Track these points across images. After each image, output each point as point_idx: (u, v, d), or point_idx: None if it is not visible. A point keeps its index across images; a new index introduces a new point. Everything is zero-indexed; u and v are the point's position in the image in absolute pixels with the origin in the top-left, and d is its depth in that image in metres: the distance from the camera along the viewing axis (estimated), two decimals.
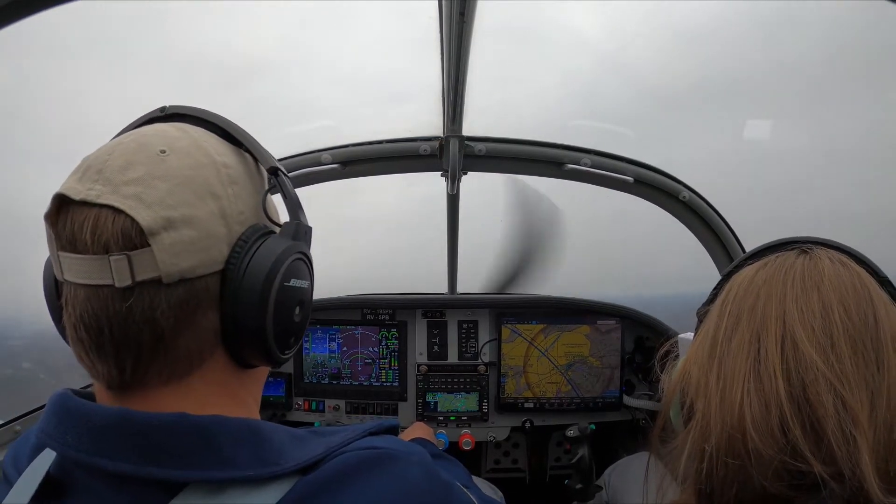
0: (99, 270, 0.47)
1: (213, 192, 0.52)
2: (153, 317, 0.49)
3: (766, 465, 0.57)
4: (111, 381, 0.51)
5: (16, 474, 0.52)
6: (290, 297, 0.57)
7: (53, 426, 0.50)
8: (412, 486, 0.54)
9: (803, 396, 0.57)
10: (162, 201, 0.49)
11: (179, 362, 0.52)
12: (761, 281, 0.66)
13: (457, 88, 1.36)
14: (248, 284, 0.53)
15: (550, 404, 2.15)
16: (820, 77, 1.93)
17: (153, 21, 1.57)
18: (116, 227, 0.47)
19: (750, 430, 0.58)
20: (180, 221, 0.49)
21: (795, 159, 2.25)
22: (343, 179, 1.82)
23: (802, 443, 0.55)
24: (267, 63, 1.88)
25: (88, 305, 0.48)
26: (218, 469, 0.48)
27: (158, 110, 0.60)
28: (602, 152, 1.78)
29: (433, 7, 1.17)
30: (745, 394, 0.59)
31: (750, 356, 0.61)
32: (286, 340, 0.58)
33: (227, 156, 0.56)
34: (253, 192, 0.58)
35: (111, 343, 0.49)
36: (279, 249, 0.55)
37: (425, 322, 2.20)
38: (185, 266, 0.49)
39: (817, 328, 0.59)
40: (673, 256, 2.61)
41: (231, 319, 0.53)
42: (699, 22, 1.77)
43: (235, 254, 0.53)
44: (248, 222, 0.56)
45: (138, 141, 0.52)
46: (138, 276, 0.47)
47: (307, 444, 0.54)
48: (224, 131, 0.59)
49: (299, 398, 2.20)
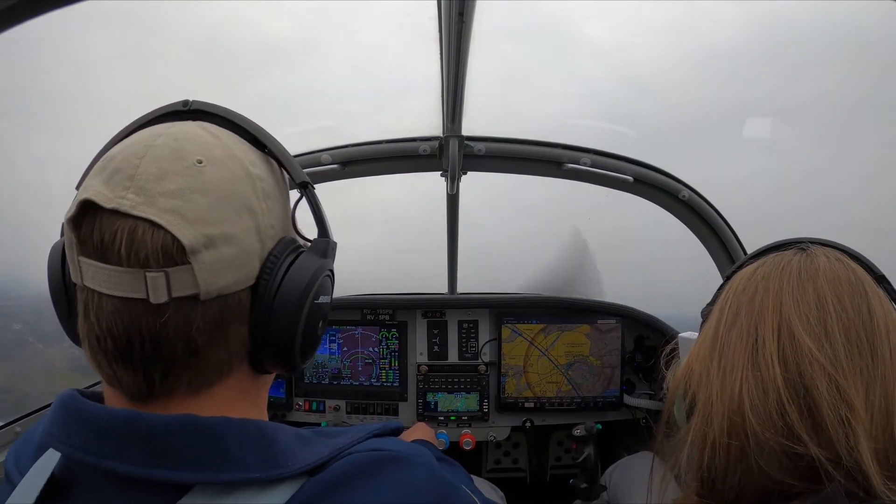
0: (132, 284, 0.46)
1: (250, 207, 0.52)
2: (188, 332, 0.48)
3: (765, 447, 0.59)
4: (137, 392, 0.50)
5: (18, 475, 0.52)
6: (318, 314, 0.58)
7: (59, 427, 0.50)
8: (418, 487, 0.54)
9: (800, 382, 0.59)
10: (203, 218, 0.47)
11: (209, 374, 0.52)
12: (760, 276, 0.68)
13: (456, 88, 1.36)
14: (281, 301, 0.53)
15: (551, 404, 2.15)
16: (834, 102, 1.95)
17: (152, 21, 1.57)
18: (156, 242, 0.46)
19: (749, 414, 0.60)
20: (220, 239, 0.48)
21: (796, 161, 2.26)
22: (343, 180, 1.82)
23: (799, 425, 0.58)
24: (266, 63, 1.88)
25: (117, 318, 0.47)
26: (225, 470, 0.48)
27: (180, 104, 0.58)
28: (601, 151, 1.78)
29: (432, 7, 1.17)
30: (745, 380, 0.62)
31: (748, 345, 0.64)
32: (309, 352, 0.60)
33: (260, 167, 0.56)
34: (283, 204, 0.58)
35: (140, 356, 0.48)
36: (312, 269, 0.56)
37: (425, 322, 2.20)
38: (223, 283, 0.49)
39: (812, 318, 0.62)
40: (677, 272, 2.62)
41: (261, 333, 0.54)
42: (698, 21, 1.77)
43: (267, 269, 0.53)
44: (277, 236, 0.56)
45: (171, 146, 0.50)
46: (175, 292, 0.47)
47: (313, 445, 0.54)
48: (253, 137, 0.58)
49: (300, 399, 2.20)
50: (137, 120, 0.58)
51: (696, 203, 1.87)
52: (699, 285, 2.14)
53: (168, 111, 0.57)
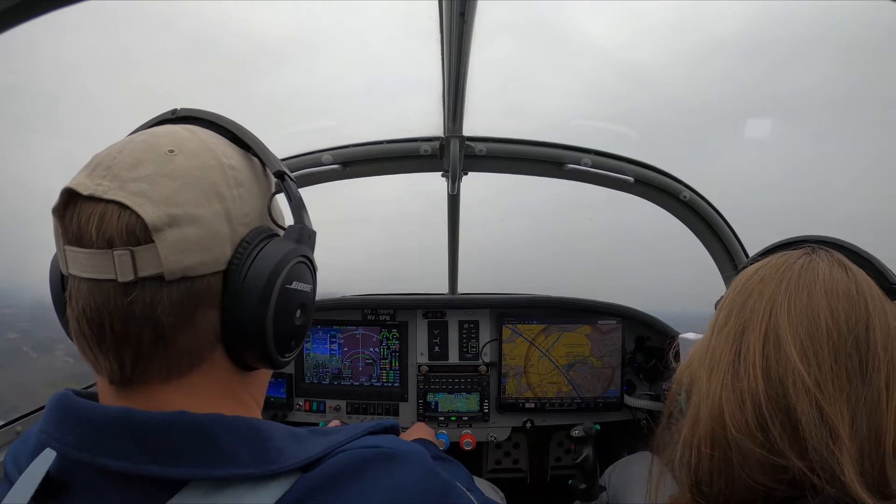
0: (102, 265, 0.48)
1: (219, 192, 0.53)
2: (154, 313, 0.49)
3: (748, 457, 0.57)
4: (112, 375, 0.51)
5: (17, 474, 0.52)
6: (292, 300, 0.57)
7: (54, 426, 0.50)
8: (411, 485, 0.54)
9: (783, 399, 0.56)
10: (168, 199, 0.49)
11: (179, 359, 0.52)
12: (758, 279, 0.66)
13: (457, 88, 1.36)
14: (249, 285, 0.53)
15: (551, 404, 2.15)
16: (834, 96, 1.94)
17: (150, 22, 1.57)
18: (122, 222, 0.48)
19: (729, 423, 0.58)
20: (185, 219, 0.49)
21: (798, 159, 2.26)
22: (344, 180, 1.82)
23: (781, 442, 0.55)
24: (266, 64, 1.88)
25: (91, 300, 0.49)
26: (218, 467, 0.48)
27: (169, 112, 0.61)
28: (602, 152, 1.78)
29: (433, 7, 1.17)
30: (724, 387, 0.60)
31: (732, 350, 0.62)
32: (286, 343, 0.58)
33: (235, 158, 0.57)
34: (259, 195, 0.59)
35: (112, 338, 0.49)
36: (282, 252, 0.55)
37: (426, 322, 2.20)
38: (188, 263, 0.50)
39: (802, 331, 0.58)
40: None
41: (231, 319, 0.53)
42: (699, 21, 1.77)
43: (238, 254, 0.53)
44: (252, 224, 0.56)
45: (147, 140, 0.53)
46: (141, 271, 0.48)
47: (307, 442, 0.54)
48: (233, 135, 0.60)
49: (300, 399, 2.20)
50: (133, 131, 0.60)
51: (697, 204, 1.87)
52: (700, 283, 2.15)
53: (158, 120, 0.61)
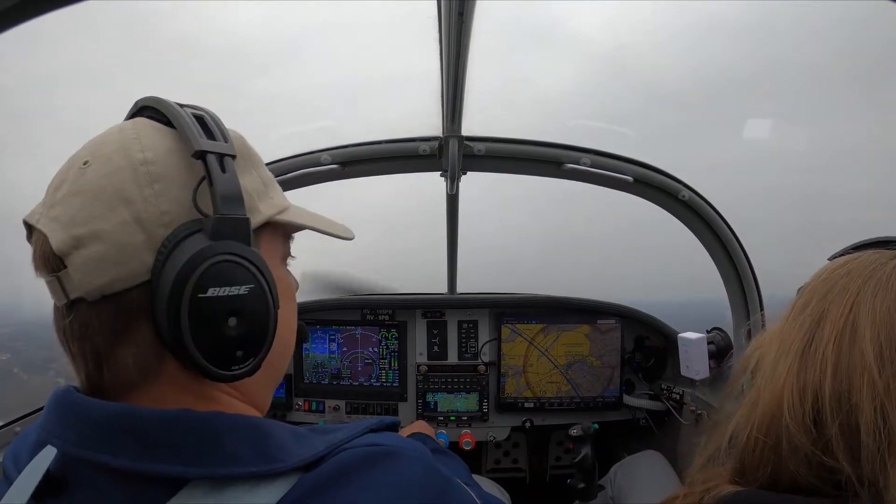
0: (51, 290, 0.51)
1: (126, 197, 0.48)
2: (86, 333, 0.50)
3: (797, 450, 0.55)
4: (83, 386, 0.53)
5: (16, 472, 0.52)
6: (212, 309, 0.49)
7: (54, 422, 0.50)
8: (413, 482, 0.53)
9: (847, 394, 0.54)
10: (73, 219, 0.48)
11: (128, 374, 0.51)
12: (845, 271, 0.63)
13: (456, 88, 1.36)
14: (160, 297, 0.48)
15: (550, 404, 2.15)
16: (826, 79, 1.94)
17: (148, 22, 1.57)
18: (44, 250, 0.50)
19: (786, 412, 0.56)
20: (88, 238, 0.48)
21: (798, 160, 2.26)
22: (342, 180, 1.82)
23: (836, 443, 0.53)
24: (265, 64, 1.88)
25: (55, 322, 0.53)
26: (221, 465, 0.47)
27: (134, 105, 0.58)
28: (601, 152, 1.78)
29: (432, 6, 1.17)
30: (789, 373, 0.58)
31: (805, 338, 0.59)
32: (225, 355, 0.50)
33: (155, 150, 0.51)
34: (184, 185, 0.51)
35: (69, 354, 0.52)
36: (187, 255, 0.48)
37: (425, 322, 2.20)
38: (100, 283, 0.48)
39: (883, 332, 0.56)
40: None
41: (161, 333, 0.49)
42: (694, 20, 1.77)
43: (157, 262, 0.48)
44: (176, 222, 0.49)
45: (75, 155, 0.53)
46: (71, 294, 0.49)
47: (309, 441, 0.54)
48: (165, 118, 0.53)
49: (299, 398, 2.20)
50: None
51: (696, 203, 1.87)
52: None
53: (129, 115, 0.59)
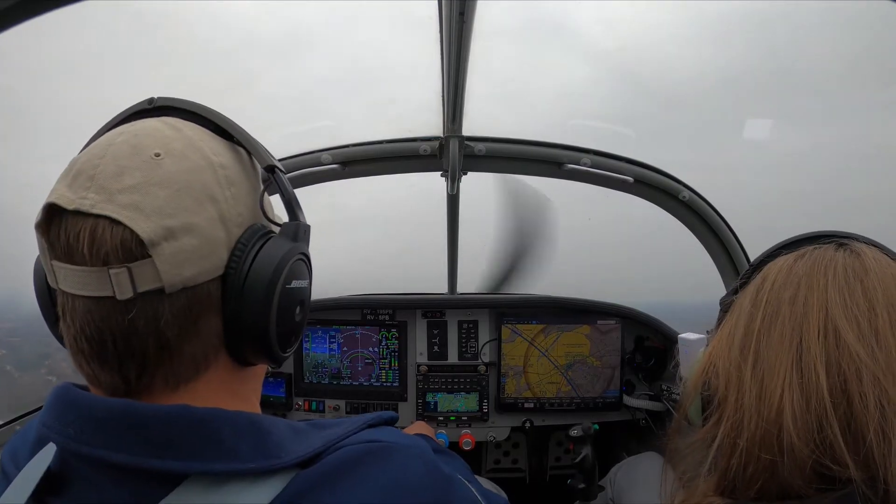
0: (98, 282, 0.47)
1: (212, 196, 0.51)
2: (157, 327, 0.48)
3: (799, 463, 0.55)
4: (115, 390, 0.50)
5: (14, 470, 0.52)
6: (292, 299, 0.57)
7: (54, 418, 0.50)
8: (412, 478, 0.53)
9: (843, 391, 0.55)
10: (161, 210, 0.47)
11: (185, 368, 0.52)
12: (801, 272, 0.63)
13: (457, 88, 1.36)
14: (250, 288, 0.52)
15: (550, 404, 2.15)
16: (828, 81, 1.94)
17: (148, 22, 1.57)
18: (115, 239, 0.46)
19: (788, 425, 0.56)
20: (180, 230, 0.48)
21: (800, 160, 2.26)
22: (343, 179, 1.82)
23: (840, 443, 0.53)
24: (266, 64, 1.88)
25: (90, 317, 0.48)
26: (219, 461, 0.48)
27: (146, 102, 0.58)
28: (602, 152, 1.78)
29: (433, 7, 1.17)
30: (787, 387, 0.57)
31: (792, 348, 0.59)
32: (288, 340, 0.58)
33: (224, 155, 0.55)
34: (250, 191, 0.57)
35: (114, 355, 0.48)
36: (281, 252, 0.55)
37: (425, 322, 2.20)
38: (187, 275, 0.49)
39: (861, 320, 0.57)
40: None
41: (234, 323, 0.53)
42: (695, 20, 1.77)
43: (235, 258, 0.52)
44: (245, 224, 0.54)
45: (130, 143, 0.50)
46: (140, 287, 0.47)
47: (307, 437, 0.54)
48: (218, 127, 0.57)
49: (299, 398, 2.20)
50: (107, 123, 0.58)
51: (696, 204, 1.87)
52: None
53: (135, 111, 0.58)
